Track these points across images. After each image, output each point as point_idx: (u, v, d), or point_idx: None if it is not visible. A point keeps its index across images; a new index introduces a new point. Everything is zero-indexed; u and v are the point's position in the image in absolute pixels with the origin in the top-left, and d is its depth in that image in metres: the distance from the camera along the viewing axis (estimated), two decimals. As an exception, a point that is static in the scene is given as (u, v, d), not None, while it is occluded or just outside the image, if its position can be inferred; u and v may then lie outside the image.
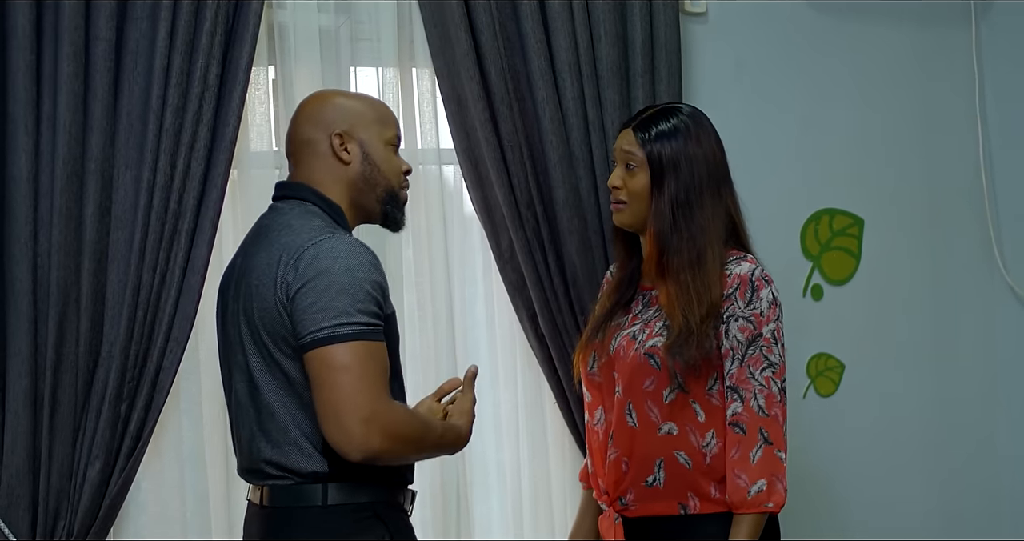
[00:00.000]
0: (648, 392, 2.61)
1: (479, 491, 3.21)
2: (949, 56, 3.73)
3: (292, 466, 2.29)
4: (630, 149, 2.65)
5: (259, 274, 2.29)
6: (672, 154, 2.62)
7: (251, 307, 2.30)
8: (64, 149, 2.69)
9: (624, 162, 2.66)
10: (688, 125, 2.65)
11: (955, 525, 3.69)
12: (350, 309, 2.20)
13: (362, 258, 2.25)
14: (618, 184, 2.67)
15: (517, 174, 3.08)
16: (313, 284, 2.21)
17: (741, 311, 2.58)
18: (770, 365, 2.58)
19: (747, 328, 2.58)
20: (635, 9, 3.19)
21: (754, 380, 2.57)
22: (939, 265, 3.72)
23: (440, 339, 3.11)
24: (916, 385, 3.69)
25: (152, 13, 2.77)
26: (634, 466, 2.63)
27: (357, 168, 2.39)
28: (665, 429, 2.61)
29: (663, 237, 2.61)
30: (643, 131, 2.65)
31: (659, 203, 2.62)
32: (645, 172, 2.63)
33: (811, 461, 3.50)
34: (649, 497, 2.62)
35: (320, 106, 2.42)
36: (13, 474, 2.67)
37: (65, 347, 2.71)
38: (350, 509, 2.29)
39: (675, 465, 2.61)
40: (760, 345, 2.58)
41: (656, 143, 2.62)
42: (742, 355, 2.58)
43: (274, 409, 2.29)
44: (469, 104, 3.05)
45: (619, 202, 2.67)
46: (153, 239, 2.78)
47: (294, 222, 2.33)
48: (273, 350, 2.28)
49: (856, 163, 3.62)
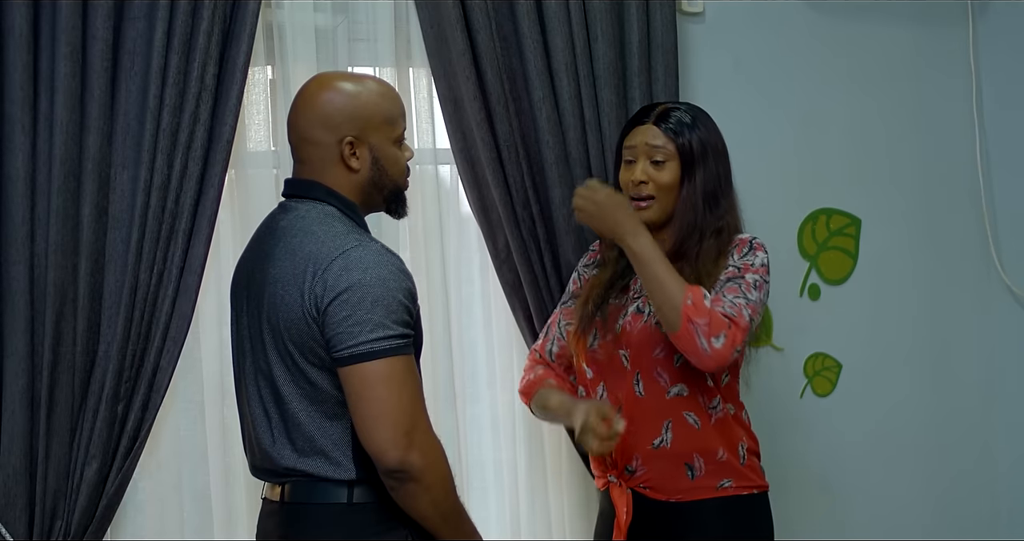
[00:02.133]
0: (658, 359, 2.66)
1: (476, 491, 3.21)
2: (946, 56, 3.73)
3: (320, 475, 2.27)
4: (657, 142, 2.67)
5: (284, 284, 2.26)
6: (700, 144, 2.67)
7: (276, 316, 2.27)
8: (61, 149, 2.69)
9: (648, 157, 2.67)
10: (701, 118, 2.72)
11: (952, 525, 3.69)
12: (386, 321, 2.19)
13: (392, 266, 2.23)
14: (644, 179, 2.67)
15: (513, 174, 3.07)
16: (346, 296, 2.19)
17: (733, 262, 2.66)
18: (744, 297, 2.61)
19: (732, 272, 2.64)
20: (632, 9, 3.19)
21: (724, 298, 2.59)
22: (936, 265, 3.72)
23: (437, 339, 3.10)
24: (913, 385, 3.69)
25: (149, 13, 2.76)
26: (641, 430, 2.67)
27: (367, 174, 2.35)
28: (675, 391, 2.66)
29: (690, 227, 2.65)
30: (666, 123, 2.67)
31: (691, 194, 2.65)
32: (675, 164, 2.66)
33: (808, 461, 3.50)
34: (655, 457, 2.67)
35: (327, 101, 2.32)
36: (10, 474, 2.66)
37: (62, 347, 2.71)
38: (374, 508, 2.27)
39: (683, 425, 2.66)
40: (739, 281, 2.62)
41: (684, 135, 2.66)
42: (723, 283, 2.62)
43: (300, 419, 2.27)
44: (465, 104, 3.05)
45: (645, 198, 2.68)
46: (150, 239, 2.77)
47: (316, 228, 2.28)
48: (299, 360, 2.25)
49: (853, 163, 3.63)
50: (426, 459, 2.20)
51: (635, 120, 2.75)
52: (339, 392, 2.24)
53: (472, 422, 3.21)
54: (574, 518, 3.23)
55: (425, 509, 2.24)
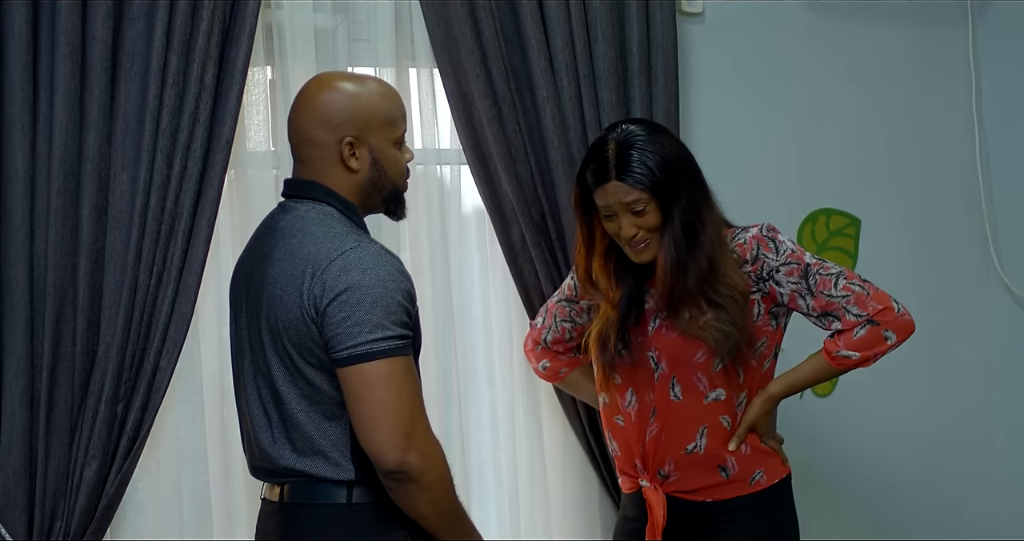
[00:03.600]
0: (699, 364, 2.66)
1: (477, 491, 3.21)
2: (946, 57, 3.73)
3: (319, 475, 2.27)
4: (630, 198, 2.59)
5: (283, 285, 2.26)
6: (669, 176, 2.59)
7: (275, 317, 2.27)
8: (61, 149, 2.69)
9: (629, 210, 2.61)
10: (655, 143, 2.61)
11: (951, 524, 3.69)
12: (385, 322, 2.19)
13: (391, 267, 2.23)
14: (634, 232, 2.62)
15: (523, 171, 3.08)
16: (345, 297, 2.19)
17: (776, 260, 2.66)
18: (837, 275, 2.66)
19: (793, 268, 2.66)
20: (632, 9, 3.19)
21: (836, 297, 2.65)
22: (936, 265, 3.72)
23: (438, 339, 3.10)
24: (913, 384, 3.69)
25: (149, 13, 2.77)
26: (674, 435, 2.68)
27: (366, 175, 2.34)
28: (713, 396, 2.67)
29: (678, 262, 2.61)
30: (630, 174, 2.59)
31: (672, 228, 2.61)
32: (655, 205, 2.60)
33: (808, 461, 3.50)
34: (689, 463, 2.68)
35: (328, 102, 2.31)
36: (9, 475, 2.67)
37: (62, 347, 2.71)
38: (373, 508, 2.27)
39: (718, 429, 2.68)
40: (816, 271, 2.66)
41: (651, 176, 2.58)
42: (808, 287, 2.66)
43: (299, 419, 2.27)
44: (476, 100, 3.05)
45: (642, 243, 2.64)
46: (150, 239, 2.77)
47: (315, 229, 2.28)
48: (298, 360, 2.26)
49: (853, 163, 3.63)
50: (425, 460, 2.20)
51: (597, 177, 2.63)
52: (338, 393, 2.24)
53: (472, 422, 3.21)
54: (574, 518, 3.23)
55: (424, 509, 2.24)
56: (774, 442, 2.75)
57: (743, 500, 2.69)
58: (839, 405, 3.60)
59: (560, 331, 2.94)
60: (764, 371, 2.74)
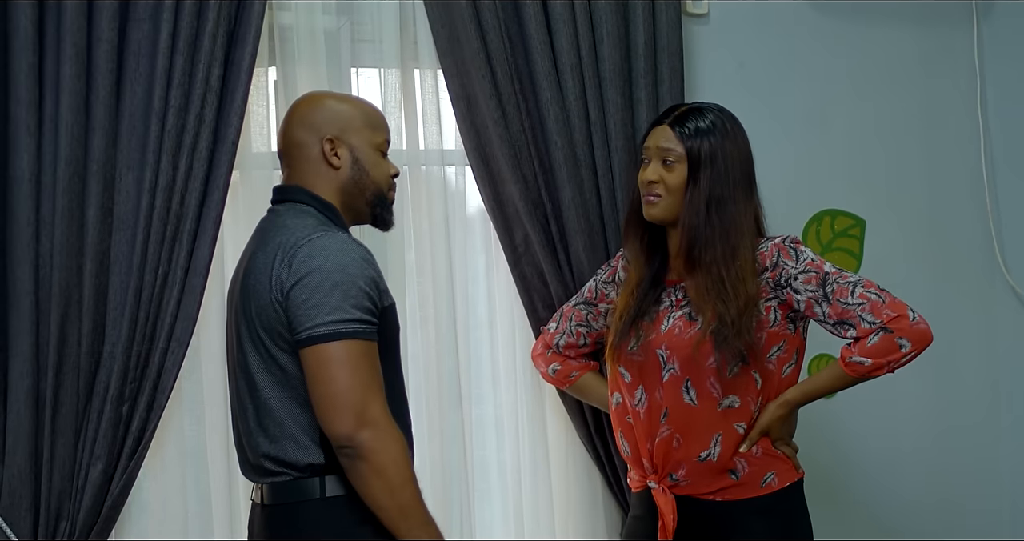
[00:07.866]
0: (711, 369, 2.66)
1: (480, 492, 3.21)
2: (951, 57, 3.72)
3: (289, 459, 2.32)
4: (668, 145, 2.69)
5: (256, 273, 2.35)
6: (710, 150, 2.67)
7: (248, 305, 2.36)
8: (66, 150, 2.70)
9: (661, 158, 2.69)
10: (724, 123, 2.71)
11: (956, 525, 3.68)
12: (344, 305, 2.26)
13: (355, 255, 2.31)
14: (655, 179, 2.70)
15: (527, 172, 3.08)
16: (307, 281, 2.27)
17: (795, 268, 2.67)
18: (855, 284, 2.66)
19: (811, 277, 2.67)
20: (637, 10, 3.19)
21: (852, 304, 2.65)
22: (941, 266, 3.72)
23: (442, 340, 3.11)
24: (917, 386, 3.68)
25: (154, 14, 2.77)
26: (688, 442, 2.68)
27: (347, 173, 2.44)
28: (726, 403, 2.68)
29: (695, 230, 2.66)
30: (680, 127, 2.69)
31: (693, 197, 2.67)
32: (683, 166, 2.68)
33: (812, 462, 3.49)
34: (702, 471, 2.69)
35: (311, 109, 2.47)
36: (15, 475, 2.67)
37: (67, 348, 2.72)
38: (348, 500, 2.30)
39: (731, 436, 2.68)
40: (834, 279, 2.66)
41: (695, 139, 2.67)
42: (825, 295, 2.66)
43: (271, 405, 2.34)
44: (480, 102, 3.05)
45: (654, 195, 2.70)
46: (155, 240, 2.78)
47: (288, 222, 2.39)
48: (270, 346, 2.33)
49: (857, 164, 3.62)
50: (376, 441, 2.23)
51: (657, 120, 2.77)
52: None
53: (477, 422, 3.21)
54: (578, 519, 3.23)
55: (378, 496, 2.26)
56: (788, 449, 2.75)
57: (755, 502, 2.69)
58: (843, 406, 3.59)
59: (574, 336, 2.97)
60: (784, 377, 2.74)
